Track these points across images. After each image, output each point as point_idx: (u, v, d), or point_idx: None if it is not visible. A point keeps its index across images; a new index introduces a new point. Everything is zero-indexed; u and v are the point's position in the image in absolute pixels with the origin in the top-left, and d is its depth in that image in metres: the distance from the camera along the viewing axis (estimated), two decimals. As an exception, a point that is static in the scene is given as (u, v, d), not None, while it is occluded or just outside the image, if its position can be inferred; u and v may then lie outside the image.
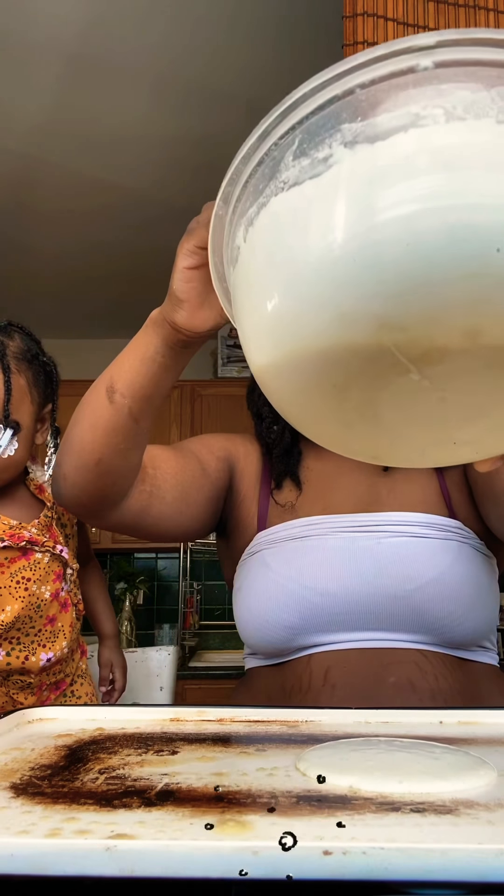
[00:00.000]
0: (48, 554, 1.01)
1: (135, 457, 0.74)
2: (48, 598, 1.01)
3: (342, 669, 0.75)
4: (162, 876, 0.30)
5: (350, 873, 0.30)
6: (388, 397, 0.39)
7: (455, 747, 0.48)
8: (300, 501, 0.88)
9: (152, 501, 0.81)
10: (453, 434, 0.41)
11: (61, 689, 1.08)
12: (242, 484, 0.92)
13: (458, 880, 0.29)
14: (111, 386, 0.69)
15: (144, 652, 1.67)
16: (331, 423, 0.43)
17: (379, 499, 0.85)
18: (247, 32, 1.99)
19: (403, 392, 0.38)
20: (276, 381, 0.42)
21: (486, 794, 0.39)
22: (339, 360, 0.37)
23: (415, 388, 0.38)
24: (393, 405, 0.39)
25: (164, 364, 0.67)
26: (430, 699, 0.72)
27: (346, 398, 0.40)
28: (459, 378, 0.37)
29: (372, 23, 1.20)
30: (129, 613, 3.33)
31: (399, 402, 0.39)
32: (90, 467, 0.73)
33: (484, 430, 0.40)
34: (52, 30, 1.97)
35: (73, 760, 0.46)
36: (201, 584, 3.53)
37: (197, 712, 0.60)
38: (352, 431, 0.42)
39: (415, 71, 0.35)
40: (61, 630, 1.03)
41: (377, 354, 0.36)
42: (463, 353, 0.35)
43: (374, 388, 0.38)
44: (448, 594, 0.75)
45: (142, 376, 0.68)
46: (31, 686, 1.02)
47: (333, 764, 0.43)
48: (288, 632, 0.78)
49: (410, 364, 0.36)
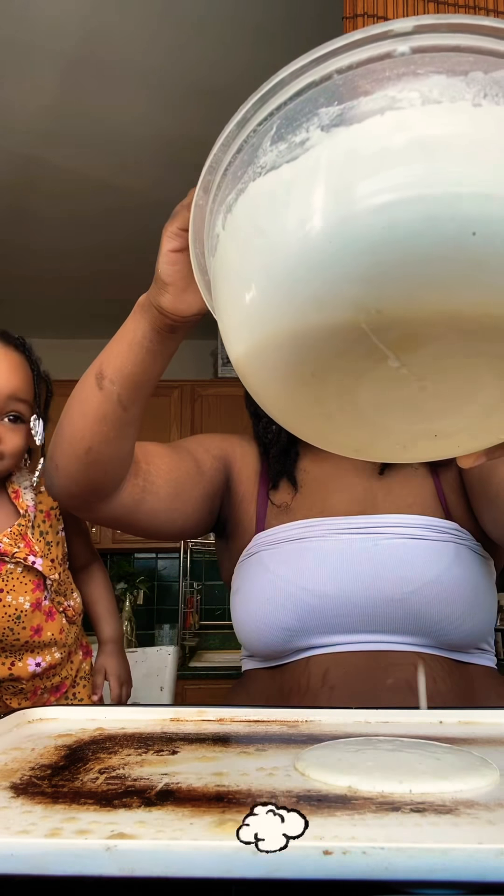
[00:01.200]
0: (20, 565, 1.00)
1: (125, 446, 0.74)
2: (28, 609, 0.99)
3: (340, 671, 0.75)
4: (162, 876, 0.30)
5: (350, 873, 0.30)
6: (367, 387, 0.39)
7: (457, 747, 0.48)
8: (295, 502, 0.88)
9: (145, 496, 0.81)
10: (434, 426, 0.41)
11: (62, 692, 1.07)
12: (240, 484, 0.92)
13: (458, 880, 0.29)
14: (100, 372, 0.69)
15: (144, 652, 1.67)
16: (311, 415, 0.42)
17: (375, 501, 0.85)
18: (248, 33, 1.99)
19: (382, 381, 0.38)
20: (255, 371, 0.41)
21: (486, 794, 0.39)
22: (316, 346, 0.37)
23: (393, 376, 0.37)
24: (372, 395, 0.39)
25: (152, 349, 0.66)
26: (428, 701, 0.72)
27: (324, 387, 0.39)
28: (437, 365, 0.37)
29: (372, 24, 1.20)
30: (129, 613, 3.33)
31: (378, 391, 0.39)
32: (80, 456, 0.73)
33: (464, 422, 0.40)
34: (52, 32, 1.97)
35: (73, 760, 0.46)
36: (201, 584, 3.53)
37: (197, 712, 0.60)
38: (332, 423, 0.42)
39: (392, 56, 0.35)
40: (51, 638, 1.02)
41: (353, 339, 0.36)
42: (439, 337, 0.35)
43: (352, 376, 0.38)
44: (445, 597, 0.75)
45: (130, 362, 0.67)
46: (25, 692, 1.02)
47: (332, 764, 0.43)
48: (285, 633, 0.78)
49: (387, 349, 0.36)
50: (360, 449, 0.45)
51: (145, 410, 0.73)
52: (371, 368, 0.37)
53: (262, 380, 0.42)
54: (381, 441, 0.43)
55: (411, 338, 0.35)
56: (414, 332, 0.35)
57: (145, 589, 3.52)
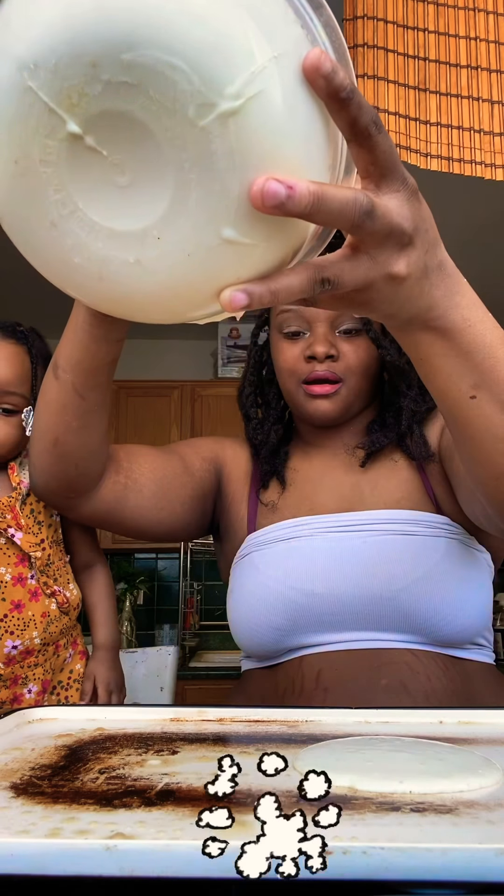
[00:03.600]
0: (2, 537, 1.01)
1: (90, 436, 0.75)
2: (9, 581, 0.99)
3: (333, 672, 0.75)
4: (162, 876, 0.30)
5: (350, 873, 0.30)
6: (67, 172, 0.39)
7: (458, 746, 0.48)
8: (283, 501, 0.88)
9: (128, 493, 0.82)
10: (147, 224, 0.40)
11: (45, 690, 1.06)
12: (231, 486, 0.93)
13: (458, 880, 0.29)
14: (55, 363, 0.71)
15: (144, 652, 1.67)
16: (37, 226, 0.42)
17: (362, 497, 0.85)
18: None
19: (80, 165, 0.39)
20: None
21: (486, 794, 0.39)
22: (4, 121, 0.38)
23: (88, 156, 0.38)
24: (78, 186, 0.39)
25: (94, 333, 0.66)
26: (424, 700, 0.72)
27: (33, 179, 0.40)
28: (121, 136, 0.37)
29: (372, 25, 1.20)
30: (129, 614, 3.33)
31: (81, 179, 0.39)
32: (50, 449, 0.75)
33: (172, 211, 0.39)
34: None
35: (73, 760, 0.46)
36: (201, 585, 3.53)
37: (197, 712, 0.60)
38: (58, 233, 0.41)
39: None
40: (31, 619, 1.02)
41: (27, 106, 0.37)
42: (107, 96, 0.36)
43: (48, 157, 0.39)
44: (435, 593, 0.75)
45: (77, 349, 0.68)
46: (3, 678, 1.01)
47: (332, 764, 0.43)
48: (276, 633, 0.78)
49: (58, 108, 0.37)
50: (102, 275, 0.42)
51: (108, 398, 0.74)
52: (61, 148, 0.38)
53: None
54: (115, 261, 0.41)
55: (76, 92, 0.36)
56: (79, 88, 0.36)
57: (145, 589, 3.52)
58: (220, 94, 0.36)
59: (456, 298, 0.52)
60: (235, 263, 0.41)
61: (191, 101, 0.36)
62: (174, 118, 0.36)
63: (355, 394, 0.85)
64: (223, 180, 0.38)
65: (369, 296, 0.48)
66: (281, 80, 0.37)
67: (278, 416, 0.96)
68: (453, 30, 1.25)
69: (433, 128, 1.22)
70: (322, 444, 0.91)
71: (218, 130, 0.36)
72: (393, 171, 0.44)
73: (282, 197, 0.38)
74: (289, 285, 0.42)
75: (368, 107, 0.41)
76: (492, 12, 1.27)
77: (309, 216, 0.40)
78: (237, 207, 0.39)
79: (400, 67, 1.22)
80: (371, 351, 0.85)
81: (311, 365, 0.84)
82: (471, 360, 0.53)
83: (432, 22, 1.24)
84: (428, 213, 0.49)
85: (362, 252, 0.45)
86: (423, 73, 1.23)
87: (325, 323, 0.84)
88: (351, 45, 1.19)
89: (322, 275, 0.43)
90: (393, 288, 0.48)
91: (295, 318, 0.85)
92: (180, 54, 0.35)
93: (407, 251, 0.47)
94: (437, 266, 0.50)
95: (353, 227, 0.43)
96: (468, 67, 1.25)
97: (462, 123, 1.23)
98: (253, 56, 0.36)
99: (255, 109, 0.36)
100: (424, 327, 0.52)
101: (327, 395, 0.84)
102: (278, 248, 0.42)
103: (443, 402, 0.57)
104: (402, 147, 1.19)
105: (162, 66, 0.35)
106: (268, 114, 0.37)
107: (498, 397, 0.54)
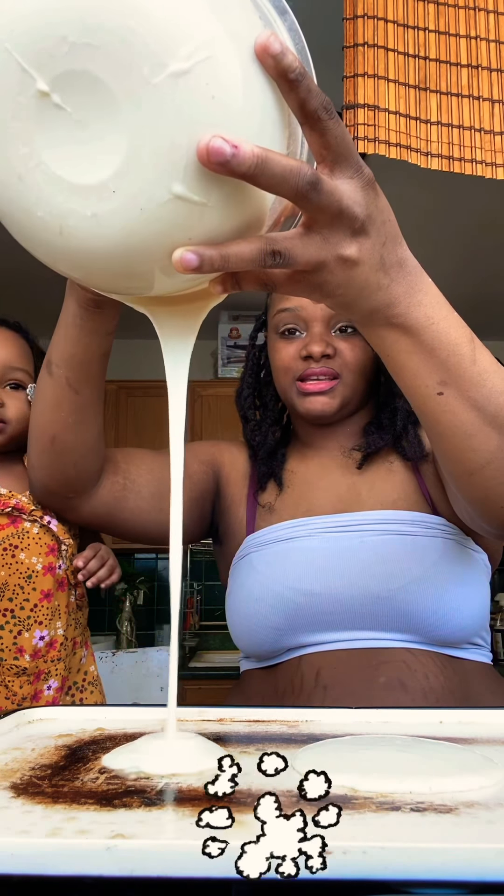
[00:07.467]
0: (37, 524, 1.02)
1: (87, 432, 0.75)
2: (40, 570, 1.00)
3: (333, 671, 0.75)
4: (162, 876, 0.30)
5: (350, 873, 0.30)
6: (36, 130, 0.41)
7: (458, 746, 0.48)
8: (280, 502, 0.89)
9: (127, 494, 0.83)
10: (103, 177, 0.41)
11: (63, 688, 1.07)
12: (229, 489, 0.93)
13: (458, 880, 0.29)
14: (48, 360, 0.72)
15: (145, 652, 1.67)
16: (6, 178, 0.43)
17: (359, 498, 0.85)
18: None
19: (47, 122, 0.41)
20: None
21: (486, 793, 0.39)
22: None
23: (55, 115, 0.41)
24: (44, 141, 0.41)
25: (84, 327, 0.67)
26: (422, 698, 0.72)
27: (2, 130, 0.42)
28: (84, 96, 0.40)
29: (372, 24, 1.20)
30: (129, 614, 3.33)
31: (47, 135, 0.41)
32: (47, 447, 0.76)
33: (126, 165, 0.41)
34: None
35: (73, 760, 0.46)
36: (201, 585, 3.53)
37: (197, 712, 0.60)
38: (24, 186, 0.43)
39: None
40: (58, 609, 1.03)
41: (1, 65, 0.40)
42: (72, 56, 0.39)
43: (19, 115, 0.41)
44: (432, 592, 0.75)
45: (69, 343, 0.69)
46: (28, 672, 1.02)
47: (332, 763, 0.43)
48: (274, 632, 0.78)
49: (32, 70, 0.39)
50: (62, 229, 0.44)
51: (102, 393, 0.75)
52: (32, 101, 0.40)
53: None
54: (73, 205, 0.43)
55: (46, 53, 0.39)
56: (45, 46, 0.39)
57: (145, 589, 3.52)
58: (172, 55, 0.39)
59: (418, 296, 0.53)
60: (187, 223, 0.43)
61: (145, 62, 0.39)
62: (130, 77, 0.39)
63: (352, 391, 0.86)
64: (172, 136, 0.40)
65: (323, 277, 0.49)
66: (234, 52, 0.40)
67: (276, 417, 0.96)
68: (454, 29, 1.25)
69: (434, 127, 1.22)
70: (319, 445, 0.91)
71: (168, 88, 0.39)
72: (347, 158, 0.45)
73: (226, 154, 0.39)
74: (239, 252, 0.43)
75: (319, 92, 0.43)
76: (492, 11, 1.26)
77: (252, 178, 0.41)
78: (186, 164, 0.41)
79: (400, 66, 1.21)
80: (367, 350, 0.85)
81: (306, 363, 0.84)
82: (435, 358, 0.53)
83: (433, 21, 1.24)
84: (386, 206, 0.50)
85: (315, 231, 0.46)
86: (423, 72, 1.23)
87: (321, 322, 0.84)
88: (351, 45, 1.19)
89: (273, 247, 0.44)
90: (345, 272, 0.49)
91: (291, 318, 0.85)
92: (139, 20, 0.38)
93: (359, 238, 0.48)
94: (398, 262, 0.51)
95: (298, 197, 0.43)
96: (469, 66, 1.25)
97: (463, 122, 1.23)
98: (203, 27, 0.39)
99: (204, 72, 0.39)
100: (388, 324, 0.53)
101: (324, 392, 0.84)
102: (232, 215, 0.44)
103: (412, 399, 0.58)
104: (402, 146, 1.19)
105: (122, 31, 0.38)
106: (217, 80, 0.40)
107: (465, 394, 0.54)
